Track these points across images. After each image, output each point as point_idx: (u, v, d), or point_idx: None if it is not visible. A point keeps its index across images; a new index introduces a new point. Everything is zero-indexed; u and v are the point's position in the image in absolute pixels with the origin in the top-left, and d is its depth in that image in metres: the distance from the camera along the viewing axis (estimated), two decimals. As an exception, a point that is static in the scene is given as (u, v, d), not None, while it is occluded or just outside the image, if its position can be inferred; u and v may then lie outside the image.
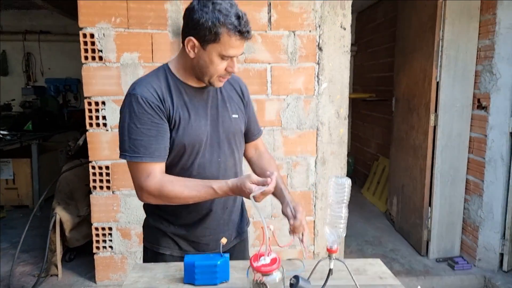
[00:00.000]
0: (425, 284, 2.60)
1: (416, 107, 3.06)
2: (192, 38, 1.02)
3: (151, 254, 1.24)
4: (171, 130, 1.09)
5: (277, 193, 1.19)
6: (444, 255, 2.87)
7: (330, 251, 0.98)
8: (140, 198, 1.09)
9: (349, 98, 5.19)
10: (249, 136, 1.31)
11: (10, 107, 4.56)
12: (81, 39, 2.19)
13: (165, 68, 1.13)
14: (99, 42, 2.20)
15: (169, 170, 1.12)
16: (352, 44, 5.34)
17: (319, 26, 2.36)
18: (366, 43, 5.04)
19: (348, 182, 0.95)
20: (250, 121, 1.28)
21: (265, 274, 0.84)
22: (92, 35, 2.20)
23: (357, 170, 5.32)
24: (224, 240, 1.05)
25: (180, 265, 1.08)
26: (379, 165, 4.48)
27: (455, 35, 2.70)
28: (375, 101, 4.56)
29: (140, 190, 1.08)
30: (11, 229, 3.44)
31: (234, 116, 1.19)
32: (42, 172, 3.90)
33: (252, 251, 1.05)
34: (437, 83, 2.78)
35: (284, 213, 1.17)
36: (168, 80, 1.10)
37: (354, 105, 5.56)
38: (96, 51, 2.22)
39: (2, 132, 3.57)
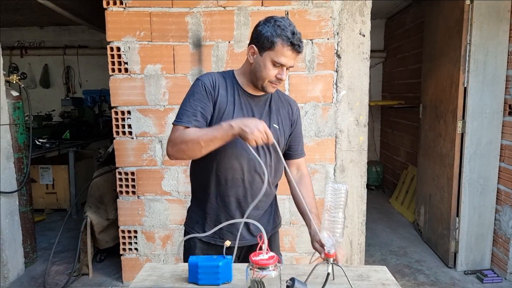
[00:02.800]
0: (451, 297, 2.50)
1: (443, 114, 2.96)
2: (253, 45, 1.25)
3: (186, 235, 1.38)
4: (214, 116, 1.26)
5: (307, 224, 1.31)
6: (473, 267, 2.74)
7: (328, 256, 0.99)
8: (167, 151, 1.24)
9: (377, 105, 5.19)
10: (291, 153, 1.43)
11: (50, 117, 4.89)
12: (109, 52, 2.35)
13: (231, 71, 1.36)
14: (125, 55, 2.35)
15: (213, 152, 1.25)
16: (380, 51, 5.28)
17: (337, 34, 2.37)
18: (395, 49, 4.96)
19: (344, 187, 0.97)
20: (294, 139, 1.42)
21: (262, 267, 0.88)
22: (118, 49, 2.35)
23: (386, 179, 5.18)
24: (227, 243, 1.09)
25: (186, 266, 1.13)
26: (408, 174, 4.35)
27: (483, 39, 2.61)
28: (404, 108, 4.46)
29: (168, 143, 1.24)
30: (50, 231, 3.67)
31: (274, 125, 1.32)
32: (79, 178, 4.15)
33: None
34: (465, 88, 2.69)
35: (314, 248, 1.22)
36: (228, 79, 1.32)
37: (383, 112, 5.46)
38: (122, 63, 2.36)
39: (41, 140, 3.83)
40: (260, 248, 0.91)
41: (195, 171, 1.39)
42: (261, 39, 1.21)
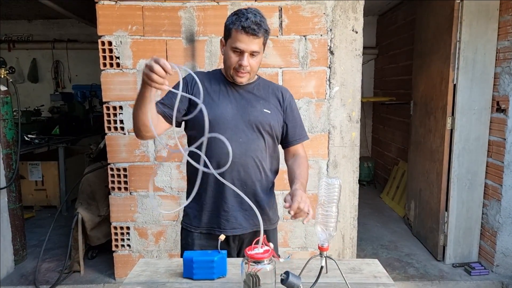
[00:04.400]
0: (440, 290, 2.55)
1: (433, 111, 3.00)
2: (221, 38, 1.32)
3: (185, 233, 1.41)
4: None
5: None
6: (461, 260, 2.80)
7: (321, 249, 1.00)
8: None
9: (369, 102, 5.23)
10: (289, 139, 1.44)
11: (39, 112, 4.82)
12: (100, 46, 2.32)
13: (218, 69, 1.42)
14: (117, 49, 2.32)
15: (195, 140, 1.22)
16: (372, 48, 5.32)
17: (331, 30, 2.38)
18: (387, 46, 4.99)
19: (338, 182, 0.98)
20: (291, 125, 1.42)
21: (257, 261, 0.88)
22: (110, 43, 2.32)
23: (377, 175, 5.24)
24: (222, 237, 1.10)
25: (181, 261, 1.13)
26: (398, 169, 4.41)
27: (472, 37, 2.65)
28: (395, 104, 4.50)
29: None
30: (39, 228, 3.62)
31: (265, 110, 1.34)
32: (69, 175, 4.10)
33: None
34: (454, 85, 2.73)
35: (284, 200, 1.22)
36: (215, 75, 1.38)
37: (375, 109, 5.50)
38: (114, 58, 2.33)
39: (30, 136, 3.78)
40: (257, 242, 0.92)
41: (188, 162, 1.38)
42: (224, 31, 1.29)
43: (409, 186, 3.58)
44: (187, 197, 1.42)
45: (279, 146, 1.46)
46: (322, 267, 1.01)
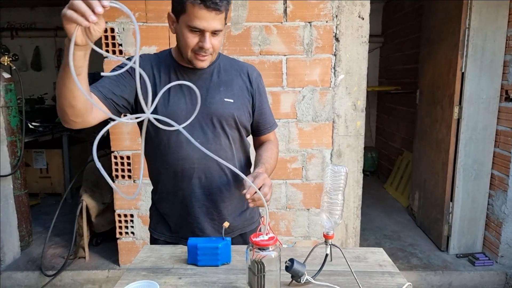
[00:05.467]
0: (443, 279, 2.55)
1: (440, 100, 2.96)
2: (170, 12, 1.07)
3: (152, 240, 1.30)
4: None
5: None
6: (465, 251, 2.79)
7: (326, 237, 0.99)
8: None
9: (374, 91, 5.17)
10: (260, 128, 1.27)
11: (43, 100, 4.81)
12: (102, 33, 2.29)
13: (168, 50, 1.19)
14: (119, 36, 2.30)
15: (148, 145, 1.15)
16: (378, 36, 5.24)
17: (336, 16, 2.33)
18: (393, 34, 4.92)
19: (344, 170, 0.96)
20: (260, 113, 1.24)
21: (262, 248, 0.88)
22: (112, 30, 2.29)
23: (381, 165, 5.22)
24: (226, 224, 1.09)
25: (185, 247, 1.13)
26: (403, 159, 4.38)
27: (482, 24, 2.59)
28: (400, 94, 4.45)
29: None
30: (45, 215, 3.66)
31: (227, 100, 1.14)
32: (73, 162, 4.12)
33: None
34: (462, 74, 2.68)
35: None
36: (163, 59, 1.16)
37: (379, 98, 5.45)
38: (116, 45, 2.31)
39: (34, 123, 3.78)
40: (261, 229, 0.91)
41: (148, 168, 1.24)
42: (174, 4, 1.05)
43: (414, 177, 3.56)
44: (152, 202, 1.27)
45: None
46: (327, 255, 1.00)
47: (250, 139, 1.31)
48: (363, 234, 3.08)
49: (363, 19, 2.35)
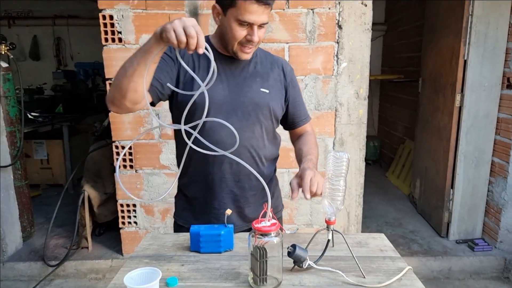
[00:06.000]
0: (443, 264, 2.57)
1: (442, 87, 2.94)
2: (216, 4, 1.09)
3: (175, 227, 1.33)
4: (180, 81, 1.13)
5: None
6: (465, 237, 2.81)
7: (328, 223, 1.00)
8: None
9: (377, 80, 5.14)
10: (296, 120, 1.30)
11: (42, 90, 4.79)
12: (101, 21, 2.26)
13: (206, 36, 1.19)
14: (118, 23, 2.27)
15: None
16: (381, 24, 5.18)
17: (339, 3, 2.30)
18: (396, 22, 4.86)
19: (346, 156, 0.96)
20: (294, 105, 1.28)
21: (264, 233, 0.88)
22: (111, 17, 2.26)
23: (383, 154, 5.22)
24: (228, 211, 1.09)
25: (188, 235, 1.13)
26: (405, 148, 4.38)
27: (485, 11, 2.56)
28: (403, 82, 4.43)
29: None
30: (47, 206, 3.67)
31: (263, 90, 1.17)
32: (74, 153, 4.11)
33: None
34: (465, 61, 2.66)
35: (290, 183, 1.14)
36: None
37: (382, 87, 5.42)
38: (116, 32, 2.28)
39: (33, 113, 3.76)
40: (263, 215, 0.91)
41: (177, 152, 1.28)
42: None
43: (415, 164, 3.56)
44: (178, 189, 1.28)
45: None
46: (328, 240, 1.01)
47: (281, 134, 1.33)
48: (365, 222, 3.09)
49: (366, 6, 2.32)
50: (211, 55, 0.87)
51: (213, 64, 0.86)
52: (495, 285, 2.49)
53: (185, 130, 0.94)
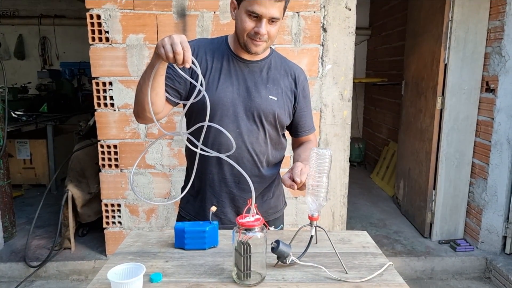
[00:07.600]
0: (426, 264, 2.63)
1: (424, 90, 3.02)
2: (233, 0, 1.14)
3: (179, 217, 1.36)
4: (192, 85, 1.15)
5: None
6: (447, 237, 2.88)
7: (311, 219, 1.02)
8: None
9: (361, 83, 5.23)
10: (298, 130, 1.31)
11: (26, 89, 4.71)
12: (88, 20, 2.25)
13: (224, 37, 1.23)
14: (106, 23, 2.26)
15: (191, 125, 1.17)
16: (365, 28, 5.27)
17: (324, 7, 2.35)
18: (380, 26, 4.96)
19: (329, 153, 0.98)
20: (301, 115, 1.28)
21: (248, 228, 0.89)
22: (98, 16, 2.25)
23: (368, 156, 5.30)
24: (213, 208, 1.10)
25: (173, 232, 1.14)
26: (389, 150, 4.46)
27: (464, 16, 2.64)
28: (387, 85, 4.52)
29: None
30: (29, 206, 3.60)
31: (271, 97, 1.19)
32: (58, 153, 4.05)
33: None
34: (445, 65, 2.74)
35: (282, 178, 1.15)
36: (218, 45, 1.21)
37: (367, 90, 5.51)
38: (103, 32, 2.27)
39: (17, 112, 3.70)
40: (248, 211, 0.92)
41: (186, 149, 1.31)
42: None
43: (399, 166, 3.63)
44: (185, 182, 1.35)
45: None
46: (312, 236, 1.03)
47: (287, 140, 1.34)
48: (350, 222, 3.14)
49: (350, 10, 2.37)
50: (198, 69, 0.94)
51: (200, 77, 0.93)
52: (477, 285, 2.55)
53: (197, 129, 1.01)
